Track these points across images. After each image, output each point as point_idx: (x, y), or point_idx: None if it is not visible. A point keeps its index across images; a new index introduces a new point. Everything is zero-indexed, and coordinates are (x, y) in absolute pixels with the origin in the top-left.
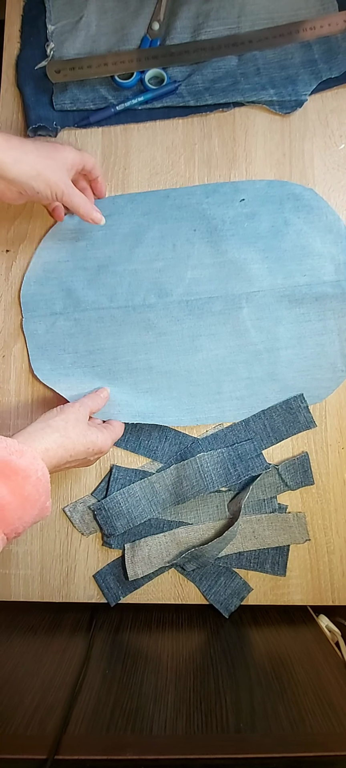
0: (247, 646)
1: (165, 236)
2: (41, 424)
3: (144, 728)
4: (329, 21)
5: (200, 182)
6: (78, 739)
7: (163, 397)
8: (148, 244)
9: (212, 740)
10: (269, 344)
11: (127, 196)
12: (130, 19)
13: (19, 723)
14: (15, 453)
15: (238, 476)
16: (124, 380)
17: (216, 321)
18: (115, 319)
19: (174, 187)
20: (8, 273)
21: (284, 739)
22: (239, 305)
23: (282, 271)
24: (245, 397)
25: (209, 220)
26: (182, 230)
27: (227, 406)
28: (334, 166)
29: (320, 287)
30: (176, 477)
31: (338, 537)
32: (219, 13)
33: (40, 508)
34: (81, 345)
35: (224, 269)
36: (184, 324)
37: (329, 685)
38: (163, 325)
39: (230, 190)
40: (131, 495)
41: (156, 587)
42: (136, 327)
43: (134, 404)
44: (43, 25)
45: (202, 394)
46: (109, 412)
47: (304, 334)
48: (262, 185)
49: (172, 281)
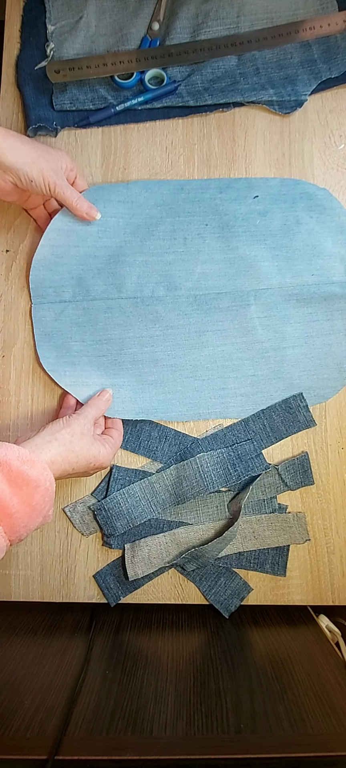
0: (247, 646)
1: (177, 230)
2: (48, 436)
3: (144, 729)
4: (328, 21)
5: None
6: (78, 740)
7: (167, 390)
8: (159, 237)
9: (212, 741)
10: (276, 343)
11: (142, 183)
12: (129, 20)
13: (19, 724)
14: (27, 463)
15: (238, 476)
16: (130, 371)
17: (224, 317)
18: (123, 310)
19: (189, 179)
20: (8, 273)
21: (285, 739)
22: (247, 302)
23: (291, 270)
24: (250, 394)
25: (222, 215)
26: (193, 224)
27: (231, 403)
28: (333, 166)
29: (329, 287)
30: (175, 477)
31: (338, 537)
32: (218, 13)
33: (44, 516)
34: (88, 334)
35: (233, 265)
36: (191, 319)
37: (329, 686)
38: (171, 318)
39: (244, 186)
40: (131, 495)
41: (156, 587)
42: (143, 319)
43: (138, 400)
44: (43, 26)
45: (206, 389)
46: (113, 408)
47: (311, 334)
48: (275, 183)
49: (181, 275)
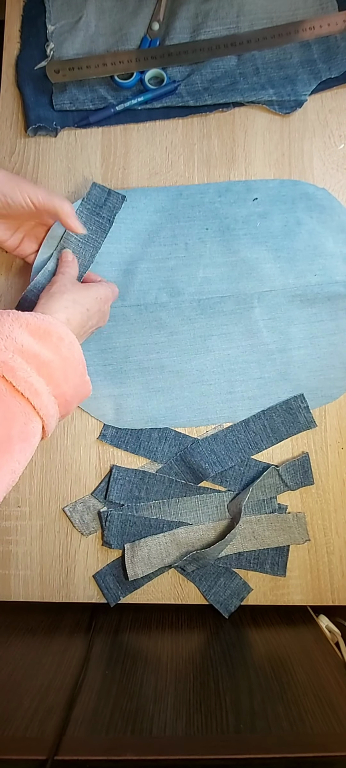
0: (247, 646)
1: (177, 235)
2: (44, 309)
3: (144, 729)
4: (328, 21)
5: (199, 183)
6: (78, 740)
7: (174, 396)
8: (160, 243)
9: (211, 741)
10: (282, 344)
11: (141, 190)
12: (129, 19)
13: (18, 724)
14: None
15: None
16: (136, 380)
17: (228, 321)
18: (127, 318)
19: (187, 184)
20: (8, 273)
21: (284, 739)
22: (250, 305)
23: (294, 271)
24: (258, 397)
25: (222, 219)
26: (194, 229)
27: (239, 406)
28: (333, 166)
29: (332, 287)
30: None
31: (338, 537)
32: (218, 13)
33: (81, 376)
34: (93, 343)
35: (235, 269)
36: (195, 323)
37: (328, 686)
38: (175, 324)
39: (243, 189)
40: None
41: (156, 587)
42: (148, 326)
43: (146, 409)
44: (42, 25)
45: (214, 394)
46: (122, 419)
47: (316, 334)
48: (274, 184)
49: (184, 280)
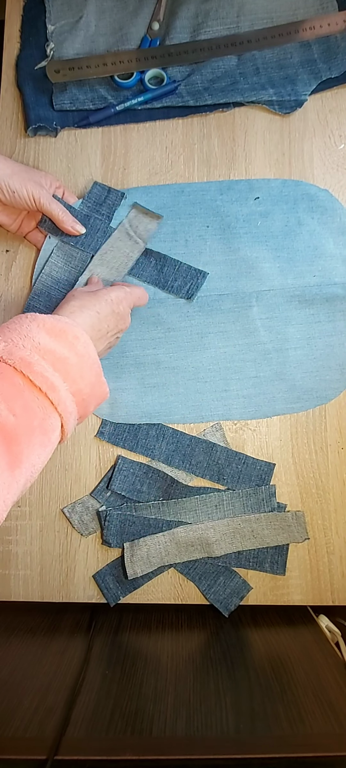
0: (246, 646)
1: (178, 232)
2: (60, 322)
3: (144, 729)
4: (328, 21)
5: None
6: (78, 740)
7: (169, 392)
8: (160, 239)
9: (211, 741)
10: (278, 344)
11: (142, 189)
12: (129, 19)
13: (18, 724)
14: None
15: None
16: (132, 374)
17: (226, 319)
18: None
19: (189, 182)
20: (8, 273)
21: (284, 739)
22: (249, 304)
23: (293, 271)
24: (252, 395)
25: (223, 217)
26: (194, 226)
27: (234, 404)
28: (333, 166)
29: (331, 288)
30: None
31: (338, 537)
32: (218, 13)
33: (96, 375)
34: None
35: (235, 267)
36: (193, 320)
37: (328, 686)
38: (173, 320)
39: (245, 188)
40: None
41: (156, 587)
42: (145, 321)
43: (141, 404)
44: (43, 25)
45: (209, 392)
46: (116, 414)
47: (313, 335)
48: (276, 184)
49: None
